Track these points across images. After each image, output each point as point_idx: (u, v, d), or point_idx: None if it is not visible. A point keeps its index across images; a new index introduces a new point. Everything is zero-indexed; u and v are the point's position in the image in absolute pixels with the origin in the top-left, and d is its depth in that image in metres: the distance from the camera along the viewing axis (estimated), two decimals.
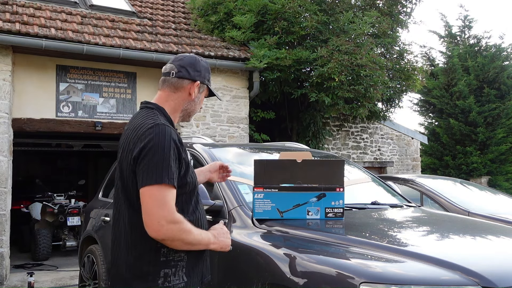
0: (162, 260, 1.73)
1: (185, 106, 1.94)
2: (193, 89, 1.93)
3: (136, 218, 1.72)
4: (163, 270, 1.73)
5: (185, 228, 1.69)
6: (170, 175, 1.66)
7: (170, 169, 1.67)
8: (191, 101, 1.94)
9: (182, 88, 1.92)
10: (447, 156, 14.28)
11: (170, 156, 1.68)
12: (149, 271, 1.72)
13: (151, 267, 1.72)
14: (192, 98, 1.93)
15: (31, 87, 6.93)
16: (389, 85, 9.15)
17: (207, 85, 2.00)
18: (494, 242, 2.50)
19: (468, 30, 15.75)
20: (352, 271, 1.92)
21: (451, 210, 4.84)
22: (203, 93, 2.00)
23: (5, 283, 6.03)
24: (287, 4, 8.14)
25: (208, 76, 2.00)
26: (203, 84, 1.97)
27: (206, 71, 2.00)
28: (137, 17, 8.40)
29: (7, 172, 6.20)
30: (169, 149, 1.68)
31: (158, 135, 1.69)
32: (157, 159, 1.66)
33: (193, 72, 1.94)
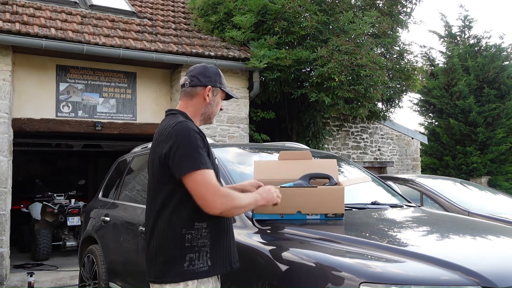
0: (187, 245, 1.92)
1: (203, 110, 2.16)
2: (206, 93, 2.15)
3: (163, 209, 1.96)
4: (188, 255, 1.92)
5: (234, 196, 1.94)
6: (202, 160, 1.90)
7: (200, 156, 1.91)
8: (207, 105, 2.16)
9: (197, 94, 2.15)
10: (447, 156, 14.28)
11: (197, 144, 1.92)
12: (176, 255, 1.92)
13: (177, 252, 1.92)
14: (207, 102, 2.16)
15: (31, 87, 6.93)
16: (389, 85, 9.15)
17: (220, 88, 2.19)
18: (494, 242, 2.50)
19: (468, 30, 15.75)
20: (352, 271, 1.92)
21: (451, 210, 4.84)
22: (218, 96, 2.20)
23: (5, 283, 6.03)
24: (287, 4, 8.14)
25: (219, 79, 2.20)
26: (215, 87, 2.17)
27: (216, 76, 2.20)
28: (137, 17, 8.40)
29: (7, 172, 6.20)
30: (195, 139, 1.93)
31: (182, 129, 1.94)
32: (187, 150, 1.90)
33: (203, 79, 2.16)
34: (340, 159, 3.98)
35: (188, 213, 1.94)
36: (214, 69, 2.21)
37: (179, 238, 1.93)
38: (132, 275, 3.64)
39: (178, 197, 1.94)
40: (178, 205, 1.94)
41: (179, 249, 1.92)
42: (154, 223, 1.99)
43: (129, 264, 3.70)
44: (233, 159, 3.29)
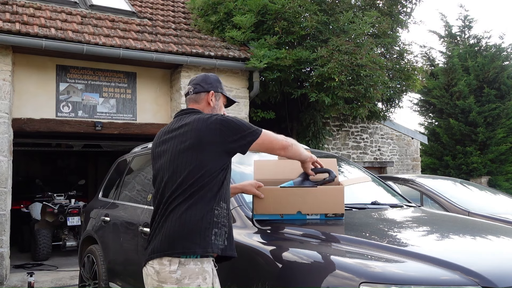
0: (215, 220, 2.08)
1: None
2: (209, 98, 2.33)
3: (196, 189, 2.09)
4: (214, 229, 2.07)
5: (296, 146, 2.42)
6: (252, 127, 2.20)
7: (252, 126, 2.21)
8: (212, 109, 2.34)
9: (201, 99, 2.33)
10: (447, 156, 14.28)
11: (240, 120, 2.20)
12: (206, 227, 2.05)
13: (207, 224, 2.05)
14: (212, 106, 2.34)
15: (31, 87, 6.93)
16: (389, 85, 9.14)
17: (221, 93, 2.38)
18: (494, 242, 2.50)
19: (468, 30, 15.76)
20: (352, 271, 1.92)
21: (451, 210, 4.84)
22: (221, 100, 2.39)
23: (5, 283, 6.03)
24: (287, 4, 8.14)
25: (220, 85, 2.40)
26: (217, 92, 2.36)
27: (217, 82, 2.39)
28: (137, 17, 8.40)
29: (7, 172, 6.20)
30: (238, 120, 2.20)
31: (221, 115, 2.19)
32: (237, 124, 2.15)
33: (205, 85, 2.34)
34: (340, 159, 3.98)
35: (218, 193, 2.11)
36: (214, 77, 2.40)
37: (210, 212, 2.06)
38: (132, 275, 3.64)
39: (216, 178, 2.11)
40: (212, 186, 2.09)
41: (209, 222, 2.05)
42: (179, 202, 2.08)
43: (129, 264, 3.70)
44: (233, 159, 3.28)
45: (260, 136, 2.20)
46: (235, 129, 2.14)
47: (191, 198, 2.06)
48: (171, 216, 2.07)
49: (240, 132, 2.15)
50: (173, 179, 2.13)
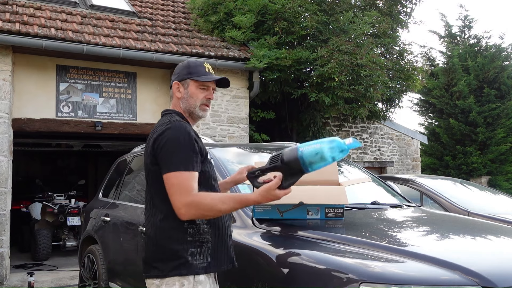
0: (189, 239, 1.93)
1: (182, 106, 2.13)
2: (175, 90, 2.14)
3: (160, 204, 1.97)
4: (190, 249, 1.93)
5: (205, 206, 1.88)
6: (186, 162, 1.90)
7: (186, 157, 1.90)
8: (181, 99, 2.12)
9: (173, 94, 2.16)
10: (447, 156, 14.28)
11: (186, 145, 1.92)
12: (179, 249, 1.92)
13: (180, 246, 1.92)
14: (180, 97, 2.13)
15: (31, 87, 6.92)
16: (389, 85, 9.14)
17: (190, 78, 2.11)
18: (494, 242, 2.50)
19: (468, 30, 15.75)
20: (352, 271, 1.92)
21: (451, 210, 4.84)
22: (191, 87, 2.12)
23: (5, 283, 6.03)
24: (287, 4, 8.14)
25: (187, 70, 2.13)
26: (183, 81, 2.12)
27: (184, 69, 2.14)
28: (137, 17, 8.40)
29: (7, 172, 6.20)
30: (185, 139, 1.92)
31: (173, 129, 1.94)
32: (173, 149, 1.90)
33: (173, 78, 2.17)
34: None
35: None
36: (184, 63, 2.18)
37: (182, 232, 1.93)
38: (132, 275, 3.64)
39: None
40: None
41: (182, 243, 1.92)
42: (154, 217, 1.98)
43: (129, 264, 3.70)
44: (233, 159, 3.29)
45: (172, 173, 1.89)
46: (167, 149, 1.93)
47: (161, 213, 1.96)
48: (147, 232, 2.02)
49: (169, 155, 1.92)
50: (147, 190, 2.08)
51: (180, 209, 1.86)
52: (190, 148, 1.92)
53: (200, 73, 2.12)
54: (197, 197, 1.87)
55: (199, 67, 2.14)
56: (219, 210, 1.89)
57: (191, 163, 1.91)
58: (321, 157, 1.83)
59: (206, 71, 2.14)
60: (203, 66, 2.15)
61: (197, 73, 2.11)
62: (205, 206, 1.87)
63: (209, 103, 2.15)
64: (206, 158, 2.04)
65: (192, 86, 2.11)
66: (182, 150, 1.91)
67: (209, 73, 2.14)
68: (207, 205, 1.87)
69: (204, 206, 1.87)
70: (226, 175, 2.90)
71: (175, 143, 1.91)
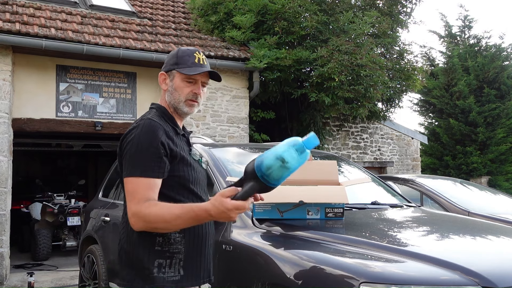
0: (156, 249, 1.74)
1: (168, 99, 1.92)
2: (161, 82, 1.95)
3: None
4: (157, 260, 1.74)
5: (153, 218, 1.65)
6: (144, 167, 1.70)
7: (146, 161, 1.70)
8: (167, 92, 1.92)
9: (160, 85, 1.96)
10: (447, 156, 14.28)
11: (148, 148, 1.71)
12: (144, 259, 1.74)
13: (145, 256, 1.74)
14: (165, 89, 1.94)
15: (31, 87, 6.92)
16: (389, 85, 9.15)
17: (176, 70, 1.89)
18: (494, 242, 2.50)
19: (468, 30, 15.76)
20: (352, 271, 1.92)
21: (451, 210, 4.84)
22: (177, 79, 1.89)
23: (5, 283, 6.03)
24: (287, 4, 8.14)
25: (174, 61, 1.90)
26: (169, 72, 1.92)
27: (172, 58, 1.92)
28: (137, 17, 8.40)
29: (7, 172, 6.20)
30: (148, 141, 1.72)
31: (139, 128, 1.76)
32: (133, 151, 1.73)
33: (162, 67, 1.97)
34: (340, 159, 3.98)
35: None
36: (174, 51, 1.95)
37: (149, 240, 1.74)
38: None
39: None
40: None
41: (147, 253, 1.74)
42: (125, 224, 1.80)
43: None
44: (233, 159, 3.29)
45: (128, 178, 1.72)
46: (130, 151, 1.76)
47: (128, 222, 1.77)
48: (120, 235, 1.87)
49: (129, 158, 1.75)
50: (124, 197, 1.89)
51: (131, 219, 1.69)
52: (151, 152, 1.71)
53: (188, 64, 1.87)
54: (146, 209, 1.65)
55: (188, 56, 1.89)
56: (172, 225, 1.66)
57: (150, 168, 1.69)
58: (277, 158, 1.56)
59: (195, 61, 1.88)
60: (193, 55, 1.89)
61: (184, 63, 1.87)
62: (153, 219, 1.65)
63: (197, 98, 1.90)
64: (182, 162, 1.81)
65: (178, 78, 1.88)
66: (142, 153, 1.71)
67: (199, 64, 1.88)
68: (155, 218, 1.65)
69: (152, 219, 1.65)
70: (226, 175, 2.90)
71: (136, 145, 1.72)
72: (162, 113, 1.89)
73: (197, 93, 1.89)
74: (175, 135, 1.85)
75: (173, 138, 1.81)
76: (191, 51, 1.92)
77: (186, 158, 1.84)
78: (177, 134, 1.87)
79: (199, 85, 1.90)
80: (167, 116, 1.89)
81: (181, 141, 1.89)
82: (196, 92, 1.89)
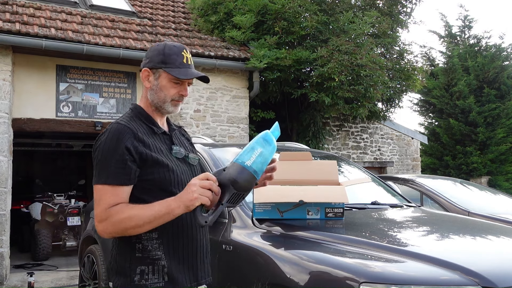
0: (137, 256, 1.70)
1: (150, 98, 1.82)
2: (144, 78, 1.83)
3: None
4: (139, 267, 1.70)
5: (119, 219, 1.61)
6: (109, 174, 1.64)
7: (110, 168, 1.64)
8: (150, 90, 1.82)
9: (142, 80, 1.84)
10: (447, 156, 14.28)
11: (113, 155, 1.65)
12: (126, 266, 1.71)
13: (127, 263, 1.71)
14: (148, 87, 1.82)
15: (31, 87, 6.92)
16: (389, 85, 9.15)
17: (163, 68, 1.78)
18: (494, 242, 2.50)
19: (468, 30, 15.76)
20: (353, 271, 1.92)
21: (451, 210, 4.84)
22: (163, 78, 1.79)
23: (5, 283, 6.03)
24: (287, 4, 8.14)
25: (161, 58, 1.79)
26: (155, 69, 1.80)
27: (158, 54, 1.80)
28: (137, 17, 8.40)
29: (7, 172, 6.20)
30: (113, 147, 1.65)
31: (106, 134, 1.70)
32: (99, 158, 1.68)
33: (143, 61, 1.85)
34: (340, 159, 3.98)
35: None
36: (159, 47, 1.83)
37: (130, 247, 1.71)
38: None
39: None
40: None
41: (129, 260, 1.71)
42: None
43: None
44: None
45: (95, 186, 1.68)
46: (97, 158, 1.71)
47: None
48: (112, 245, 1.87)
49: (96, 166, 1.71)
50: None
51: (97, 226, 1.66)
52: (116, 159, 1.64)
53: (176, 64, 1.78)
54: (112, 215, 1.62)
55: (176, 56, 1.79)
56: (141, 220, 1.60)
57: (115, 175, 1.64)
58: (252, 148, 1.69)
59: (183, 62, 1.80)
60: (181, 55, 1.80)
61: (172, 63, 1.78)
62: (118, 220, 1.62)
63: (182, 99, 1.84)
64: (157, 164, 1.71)
65: (164, 78, 1.79)
66: (107, 160, 1.65)
67: (187, 65, 1.81)
68: (120, 219, 1.61)
69: (116, 220, 1.62)
70: None
71: (102, 151, 1.67)
72: (138, 113, 1.81)
73: (183, 94, 1.83)
74: (151, 135, 1.77)
75: (144, 140, 1.71)
76: (179, 49, 1.81)
77: (161, 160, 1.73)
78: (154, 133, 1.79)
79: (186, 86, 1.83)
80: (143, 115, 1.81)
81: (160, 141, 1.79)
82: (183, 94, 1.82)
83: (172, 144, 1.83)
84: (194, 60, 1.97)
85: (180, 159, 1.82)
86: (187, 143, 1.99)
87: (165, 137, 1.84)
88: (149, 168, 1.70)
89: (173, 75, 1.77)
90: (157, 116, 1.84)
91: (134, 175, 1.67)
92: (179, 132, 1.97)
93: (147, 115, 1.82)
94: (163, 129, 1.84)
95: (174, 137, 1.87)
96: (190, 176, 1.79)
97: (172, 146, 1.83)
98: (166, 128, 1.88)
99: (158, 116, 1.85)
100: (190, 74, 1.79)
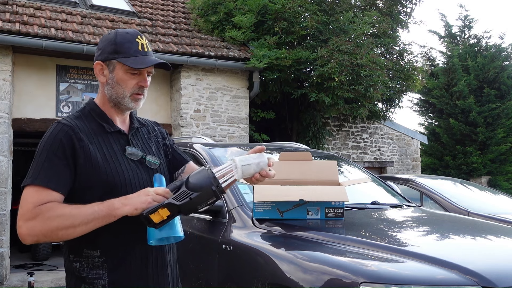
0: (76, 275, 1.57)
1: (108, 93, 1.63)
2: (97, 72, 1.63)
3: None
4: (83, 285, 1.56)
5: (51, 215, 1.43)
6: (38, 176, 1.48)
7: (41, 170, 1.48)
8: (106, 85, 1.63)
9: (96, 76, 1.65)
10: (447, 156, 14.29)
11: (47, 155, 1.49)
12: (71, 285, 1.59)
13: (72, 281, 1.59)
14: (104, 82, 1.63)
15: (31, 87, 6.93)
16: (389, 85, 9.15)
17: (116, 59, 1.59)
18: (494, 242, 2.50)
19: (468, 30, 15.77)
20: (352, 271, 1.92)
21: (451, 210, 4.84)
22: (119, 70, 1.60)
23: (5, 283, 6.03)
24: (287, 4, 8.14)
25: (113, 48, 1.60)
26: (107, 61, 1.61)
27: (110, 44, 1.60)
28: (137, 17, 8.40)
29: (7, 172, 6.20)
30: (48, 148, 1.50)
31: (47, 133, 1.55)
32: (34, 159, 1.53)
33: (96, 54, 1.65)
34: (340, 159, 3.99)
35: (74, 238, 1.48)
36: (110, 36, 1.63)
37: (70, 266, 1.58)
38: None
39: None
40: None
41: (74, 279, 1.58)
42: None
43: None
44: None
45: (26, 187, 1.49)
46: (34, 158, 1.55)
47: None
48: None
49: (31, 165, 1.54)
50: None
51: (21, 228, 1.46)
52: (49, 160, 1.49)
53: (130, 52, 1.58)
54: (44, 208, 1.44)
55: (130, 43, 1.59)
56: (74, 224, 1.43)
57: (43, 177, 1.47)
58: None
59: (138, 49, 1.60)
60: (135, 42, 1.60)
61: (126, 52, 1.58)
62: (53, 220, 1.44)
63: (143, 91, 1.65)
64: (99, 167, 1.54)
65: (120, 69, 1.59)
66: (40, 160, 1.49)
67: (143, 52, 1.61)
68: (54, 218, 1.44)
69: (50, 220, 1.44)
70: None
71: (40, 151, 1.52)
72: (90, 109, 1.64)
73: (143, 86, 1.63)
74: (99, 135, 1.59)
75: (85, 140, 1.54)
76: (132, 35, 1.61)
77: (106, 162, 1.55)
78: (105, 132, 1.61)
79: (145, 76, 1.63)
80: (96, 112, 1.63)
81: (112, 141, 1.62)
82: (143, 85, 1.63)
83: (126, 145, 1.64)
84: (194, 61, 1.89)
85: (135, 161, 1.63)
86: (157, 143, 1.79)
87: (120, 136, 1.65)
88: (91, 170, 1.52)
89: (128, 65, 1.57)
90: (114, 113, 1.66)
91: (68, 178, 1.50)
92: (145, 131, 1.77)
93: (101, 112, 1.64)
94: (118, 128, 1.65)
95: (131, 137, 1.68)
96: (146, 181, 1.61)
97: (126, 146, 1.63)
98: (126, 126, 1.70)
99: (116, 113, 1.66)
100: (147, 62, 1.59)
